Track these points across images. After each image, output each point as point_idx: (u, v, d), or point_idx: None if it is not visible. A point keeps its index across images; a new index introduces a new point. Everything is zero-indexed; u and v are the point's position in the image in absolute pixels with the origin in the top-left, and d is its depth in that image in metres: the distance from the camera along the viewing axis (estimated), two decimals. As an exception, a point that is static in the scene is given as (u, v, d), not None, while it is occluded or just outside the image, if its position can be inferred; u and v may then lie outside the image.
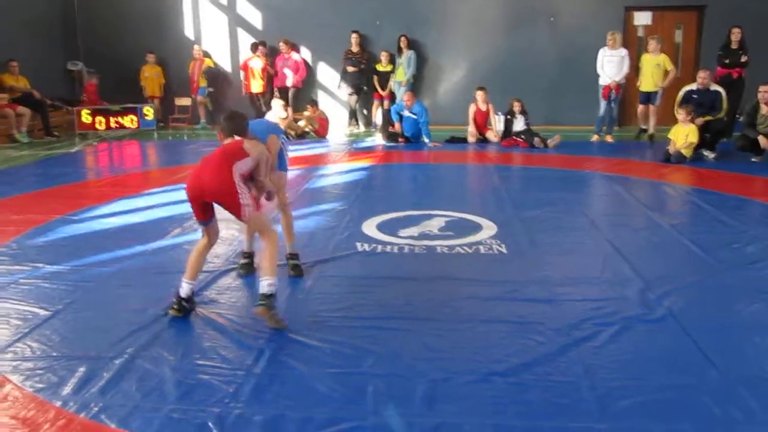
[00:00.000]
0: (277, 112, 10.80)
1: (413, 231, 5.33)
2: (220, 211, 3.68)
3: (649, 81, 10.40)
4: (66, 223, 5.77)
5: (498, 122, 10.97)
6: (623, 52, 10.45)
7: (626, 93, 11.23)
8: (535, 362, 3.10)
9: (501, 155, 9.72)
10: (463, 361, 3.10)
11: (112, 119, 12.02)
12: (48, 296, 4.00)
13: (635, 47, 11.73)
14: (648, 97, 10.48)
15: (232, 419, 2.62)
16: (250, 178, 3.70)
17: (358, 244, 5.00)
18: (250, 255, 4.41)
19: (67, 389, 2.86)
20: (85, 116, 11.94)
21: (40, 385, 2.91)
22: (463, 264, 4.60)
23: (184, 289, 3.69)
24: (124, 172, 8.83)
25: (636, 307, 3.76)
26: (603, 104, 10.58)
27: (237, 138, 3.72)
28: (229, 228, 4.96)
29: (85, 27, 13.53)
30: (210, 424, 2.58)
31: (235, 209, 3.53)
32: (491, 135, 10.81)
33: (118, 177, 8.37)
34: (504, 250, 4.86)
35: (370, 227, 5.47)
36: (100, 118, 11.97)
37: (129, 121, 12.07)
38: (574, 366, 3.06)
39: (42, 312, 3.75)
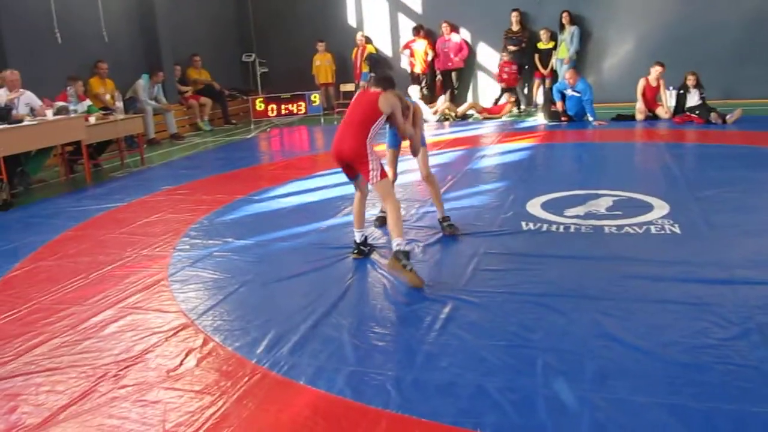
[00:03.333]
0: (414, 96, 11.12)
1: (579, 210, 5.24)
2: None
3: None
4: (248, 202, 6.30)
5: (669, 97, 10.35)
6: (817, 15, 9.43)
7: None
8: (714, 344, 2.97)
9: (673, 132, 9.19)
10: (636, 341, 3.04)
11: (282, 106, 12.80)
12: (238, 267, 4.43)
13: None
14: None
15: (408, 383, 2.78)
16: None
17: (523, 223, 5.01)
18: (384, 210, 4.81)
19: (260, 348, 3.18)
20: (259, 104, 12.81)
21: (237, 344, 3.26)
22: (632, 244, 4.47)
23: (357, 237, 4.46)
24: (295, 156, 9.41)
25: (830, 293, 3.47)
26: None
27: (377, 90, 4.18)
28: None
29: (257, 21, 14.47)
30: (388, 386, 2.76)
31: (364, 172, 4.10)
32: (662, 111, 10.24)
33: (290, 160, 8.94)
34: (677, 231, 4.65)
35: (534, 206, 5.45)
36: (272, 106, 12.80)
37: (298, 108, 12.79)
38: (757, 350, 2.90)
39: (235, 280, 4.16)
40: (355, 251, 4.47)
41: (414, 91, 11.23)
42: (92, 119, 8.16)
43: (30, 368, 3.15)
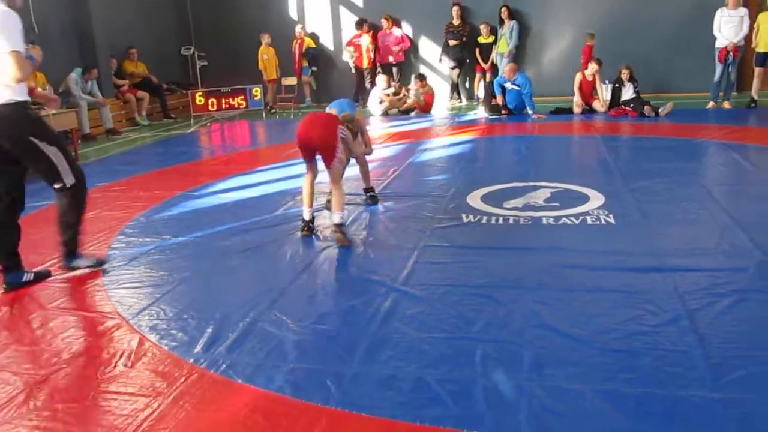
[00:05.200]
0: (381, 87, 11.14)
1: (518, 202, 5.33)
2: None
3: (766, 41, 9.72)
4: (187, 198, 6.17)
5: (605, 91, 10.62)
6: (743, 11, 9.77)
7: (744, 56, 10.52)
8: (646, 331, 3.06)
9: (609, 125, 9.43)
10: (572, 329, 3.10)
11: (223, 100, 12.58)
12: (175, 265, 4.33)
13: (756, 7, 10.96)
14: (765, 59, 9.81)
15: (348, 378, 2.77)
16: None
17: (464, 215, 5.06)
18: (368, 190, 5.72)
19: (197, 348, 3.12)
20: (199, 98, 12.56)
21: (174, 343, 3.18)
22: (569, 234, 4.57)
23: (305, 213, 4.80)
24: (236, 151, 9.27)
25: (755, 280, 3.61)
26: (719, 68, 10.00)
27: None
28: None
29: (195, 13, 14.17)
30: (328, 382, 2.74)
31: (329, 159, 4.57)
32: (598, 105, 10.49)
33: (231, 155, 8.80)
34: (612, 221, 4.77)
35: (475, 199, 5.51)
36: (212, 100, 12.56)
37: (239, 102, 12.59)
38: (686, 335, 3.00)
39: (172, 278, 4.07)
40: (305, 228, 4.77)
41: (381, 80, 11.33)
42: None
43: (-48, 375, 3.00)
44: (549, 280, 3.74)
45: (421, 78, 11.90)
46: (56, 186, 3.99)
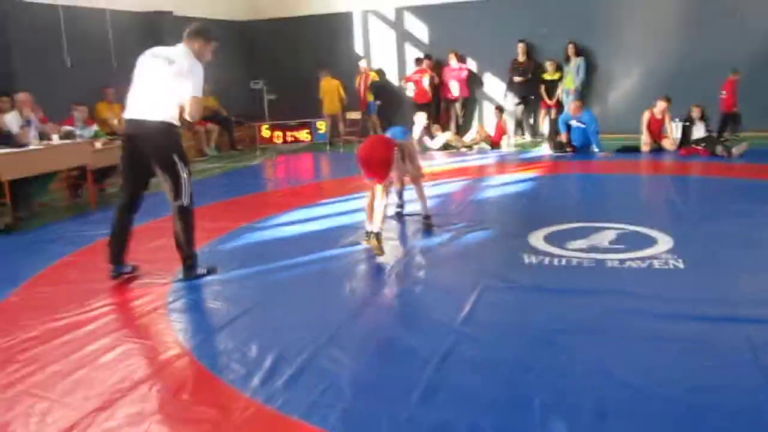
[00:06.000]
0: (421, 123, 11.35)
1: (582, 243, 5.21)
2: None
3: None
4: (251, 230, 6.29)
5: (675, 130, 10.35)
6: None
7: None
8: (714, 386, 2.92)
9: (678, 165, 9.18)
10: (634, 380, 2.99)
11: (288, 133, 12.85)
12: (238, 296, 4.41)
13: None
14: None
15: (403, 421, 2.73)
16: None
17: (525, 256, 4.98)
18: (401, 205, 6.51)
19: (255, 381, 3.14)
20: (265, 131, 12.86)
21: (232, 376, 3.22)
22: (634, 278, 4.42)
23: (368, 227, 5.39)
24: (300, 183, 9.42)
25: (835, 333, 3.41)
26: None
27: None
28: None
29: (264, 48, 14.60)
30: (382, 423, 2.71)
31: (382, 176, 5.16)
32: (667, 143, 10.23)
33: (295, 188, 8.95)
34: (681, 266, 4.60)
35: (537, 239, 5.41)
36: (277, 133, 12.84)
37: (303, 135, 12.83)
38: (759, 392, 2.83)
39: (233, 310, 4.14)
40: (367, 239, 5.34)
41: (420, 117, 11.43)
42: (98, 144, 8.21)
43: (22, 397, 3.11)
44: (612, 326, 3.63)
45: (499, 109, 12.10)
46: (176, 203, 4.67)
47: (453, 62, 12.74)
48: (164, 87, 4.50)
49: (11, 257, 5.77)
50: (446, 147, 11.78)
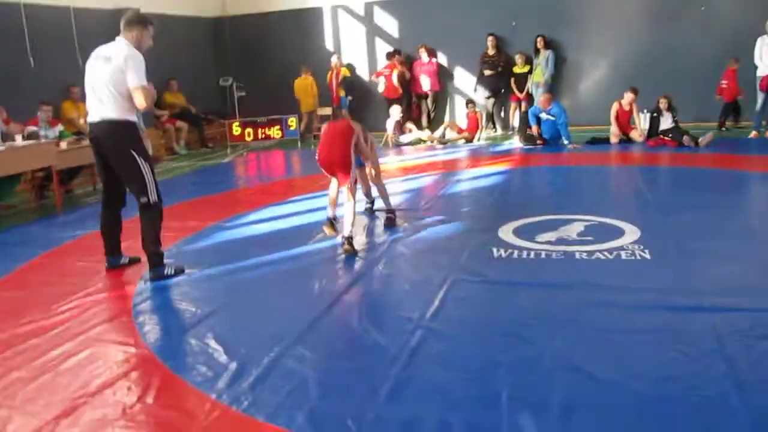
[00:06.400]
0: (395, 117, 11.35)
1: (551, 236, 5.23)
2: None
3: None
4: (220, 229, 6.22)
5: (643, 121, 10.46)
6: (785, 39, 9.58)
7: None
8: (681, 375, 2.94)
9: (646, 156, 9.28)
10: (603, 372, 3.00)
11: (259, 130, 12.74)
12: (205, 297, 4.35)
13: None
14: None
15: (370, 419, 2.71)
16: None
17: (494, 249, 4.99)
18: (371, 202, 6.48)
19: (221, 383, 3.10)
20: (236, 128, 12.74)
21: (198, 379, 3.17)
22: (602, 270, 4.45)
23: (329, 213, 5.65)
24: (271, 181, 9.35)
25: (798, 320, 3.46)
26: (761, 97, 9.78)
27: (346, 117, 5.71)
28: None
29: (234, 45, 14.45)
30: (349, 422, 2.68)
31: (343, 178, 5.28)
32: (635, 135, 10.33)
33: (266, 185, 8.88)
34: (648, 256, 4.64)
35: (506, 232, 5.43)
36: (248, 130, 12.73)
37: (275, 132, 12.74)
38: (724, 380, 2.87)
39: (200, 311, 4.08)
40: (326, 225, 5.60)
41: (395, 111, 11.43)
42: (63, 144, 8.05)
43: (-19, 406, 3.04)
44: (581, 318, 3.65)
45: (471, 103, 12.10)
46: (143, 200, 4.63)
47: (424, 56, 12.73)
48: (108, 86, 4.50)
49: (-27, 261, 5.63)
50: (418, 142, 11.77)
